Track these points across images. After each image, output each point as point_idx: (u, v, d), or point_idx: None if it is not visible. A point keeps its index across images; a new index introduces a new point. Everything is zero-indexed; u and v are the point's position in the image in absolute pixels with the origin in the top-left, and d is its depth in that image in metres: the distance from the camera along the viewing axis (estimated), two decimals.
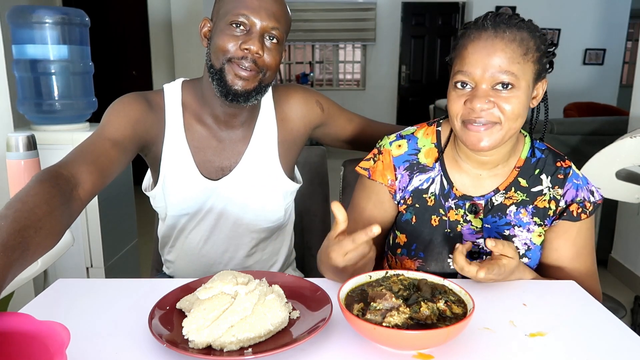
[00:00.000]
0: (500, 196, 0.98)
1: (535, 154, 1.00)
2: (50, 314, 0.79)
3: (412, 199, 1.02)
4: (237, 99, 1.04)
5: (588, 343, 0.71)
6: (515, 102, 0.88)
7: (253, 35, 1.01)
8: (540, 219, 0.98)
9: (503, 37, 0.87)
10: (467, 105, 0.89)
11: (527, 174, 0.99)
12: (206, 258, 1.19)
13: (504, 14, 0.89)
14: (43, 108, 2.13)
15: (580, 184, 0.99)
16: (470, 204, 0.99)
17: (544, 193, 0.98)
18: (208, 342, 0.66)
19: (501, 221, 0.98)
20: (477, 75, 0.87)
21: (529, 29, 0.89)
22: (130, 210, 2.50)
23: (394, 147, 1.04)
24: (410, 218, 1.02)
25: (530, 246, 0.98)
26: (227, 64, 1.02)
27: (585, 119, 3.11)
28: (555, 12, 6.35)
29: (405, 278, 0.80)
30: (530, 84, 0.90)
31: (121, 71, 4.87)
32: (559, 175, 0.99)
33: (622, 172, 2.08)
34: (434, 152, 1.03)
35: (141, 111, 1.07)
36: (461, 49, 0.90)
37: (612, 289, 2.75)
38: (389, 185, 1.03)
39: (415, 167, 1.02)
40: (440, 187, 1.00)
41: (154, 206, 1.20)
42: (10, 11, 2.06)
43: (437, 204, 1.00)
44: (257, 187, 1.15)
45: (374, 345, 0.69)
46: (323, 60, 7.53)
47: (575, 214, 0.97)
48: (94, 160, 0.94)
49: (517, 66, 0.87)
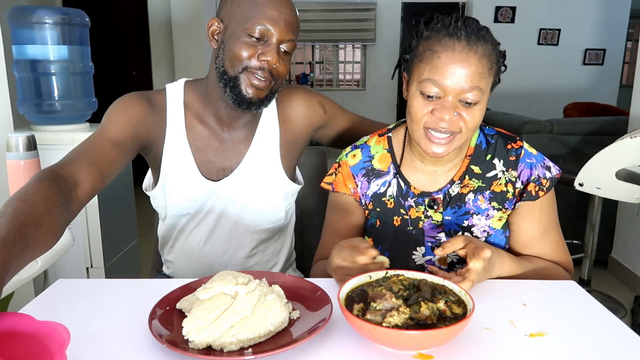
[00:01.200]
0: (457, 186, 1.00)
1: (486, 140, 1.02)
2: (50, 314, 0.79)
3: (372, 204, 1.06)
4: (250, 107, 1.05)
5: (588, 343, 0.71)
6: (478, 115, 0.91)
7: (271, 47, 1.01)
8: (498, 203, 1.00)
9: (476, 52, 0.87)
10: (434, 114, 0.90)
11: (479, 160, 1.01)
12: (206, 259, 1.19)
13: (470, 23, 0.89)
14: (43, 108, 2.13)
15: (534, 162, 0.99)
16: (429, 199, 1.01)
17: (499, 177, 1.00)
18: (208, 342, 0.66)
19: (460, 211, 1.00)
20: (448, 87, 0.87)
21: (492, 42, 0.90)
22: (130, 210, 2.50)
23: (349, 157, 1.08)
24: (374, 222, 1.05)
25: (490, 232, 1.00)
26: (243, 73, 1.02)
27: (585, 119, 3.11)
28: (555, 12, 6.35)
29: (405, 278, 0.80)
30: (488, 95, 0.92)
31: (121, 71, 4.87)
32: (510, 158, 1.00)
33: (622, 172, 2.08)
34: (387, 156, 1.06)
35: (142, 111, 1.07)
36: (432, 55, 0.89)
37: (612, 289, 2.75)
38: (352, 193, 1.07)
39: (371, 172, 1.06)
40: (397, 189, 1.03)
41: (154, 206, 1.20)
42: (10, 11, 2.06)
43: (397, 205, 1.03)
44: (258, 188, 1.15)
45: (374, 346, 0.69)
46: (323, 61, 7.52)
47: (534, 193, 0.98)
48: (94, 161, 0.94)
49: (484, 81, 0.88)
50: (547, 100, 6.28)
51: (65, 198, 0.83)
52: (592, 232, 2.52)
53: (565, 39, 6.41)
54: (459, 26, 0.88)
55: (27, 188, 0.79)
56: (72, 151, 0.96)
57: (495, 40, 0.92)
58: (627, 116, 2.80)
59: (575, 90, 6.39)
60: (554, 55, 6.44)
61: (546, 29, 6.40)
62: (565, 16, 6.35)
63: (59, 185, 0.83)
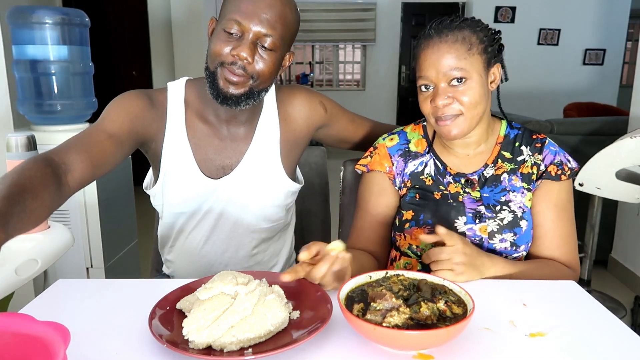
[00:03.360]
0: (490, 169, 1.09)
1: (513, 132, 1.12)
2: (50, 314, 0.79)
3: (411, 181, 1.12)
4: (227, 102, 1.04)
5: (588, 343, 0.71)
6: (471, 92, 0.99)
7: (244, 42, 1.00)
8: (527, 184, 1.08)
9: (447, 41, 0.99)
10: (432, 104, 1.02)
11: (509, 147, 1.11)
12: (206, 258, 1.19)
13: (445, 19, 1.02)
14: (43, 108, 2.13)
15: (557, 151, 1.09)
16: (465, 179, 1.09)
17: (526, 160, 1.09)
18: (208, 342, 0.66)
19: (497, 189, 1.07)
20: (433, 77, 1.00)
21: (469, 27, 1.01)
22: (130, 210, 2.50)
23: (387, 140, 1.16)
24: (414, 196, 1.10)
25: (525, 209, 1.06)
26: (219, 68, 1.02)
27: (585, 119, 3.11)
28: (555, 12, 6.35)
29: (405, 278, 0.80)
30: (482, 73, 1.01)
31: (121, 71, 4.87)
32: (536, 144, 1.10)
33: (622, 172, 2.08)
34: (422, 142, 1.15)
35: (141, 107, 1.07)
36: (418, 57, 1.04)
37: (612, 289, 2.75)
38: (387, 171, 1.13)
39: (408, 154, 1.14)
40: (435, 168, 1.11)
41: (154, 204, 1.20)
42: (10, 11, 2.06)
43: (436, 182, 1.10)
44: (258, 186, 1.15)
45: (374, 346, 0.69)
46: (323, 61, 7.53)
47: (554, 174, 1.06)
48: (86, 149, 0.95)
49: (464, 61, 0.98)
50: (547, 100, 6.28)
51: (57, 179, 0.86)
52: (592, 232, 2.52)
53: (565, 39, 6.41)
54: (432, 27, 1.02)
55: (22, 165, 0.82)
56: (66, 140, 0.97)
57: (476, 23, 1.02)
58: (627, 116, 2.80)
59: (575, 91, 6.39)
60: (554, 55, 6.45)
61: (546, 29, 6.41)
62: (565, 16, 6.35)
63: (52, 167, 0.86)
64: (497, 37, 1.04)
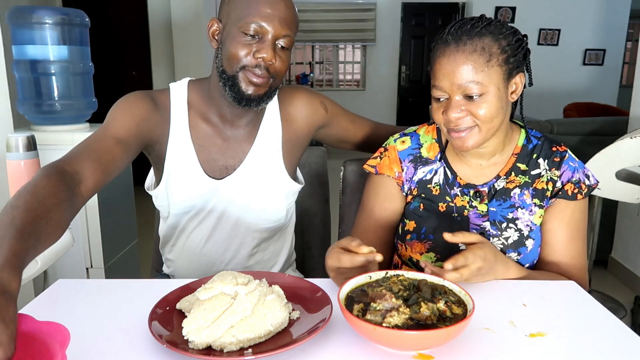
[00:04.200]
0: (502, 181, 1.03)
1: (532, 141, 1.06)
2: (50, 314, 0.79)
3: (417, 190, 1.08)
4: (249, 104, 1.06)
5: (588, 343, 0.71)
6: (486, 106, 0.93)
7: (266, 44, 1.01)
8: (539, 200, 1.02)
9: (464, 50, 0.91)
10: (444, 115, 0.96)
11: (525, 159, 1.04)
12: (207, 257, 1.19)
13: (466, 24, 0.94)
14: (43, 108, 2.13)
15: (576, 167, 1.03)
16: (474, 191, 1.04)
17: (542, 175, 1.03)
18: (208, 342, 0.66)
19: (505, 204, 1.02)
20: (447, 88, 0.94)
21: (492, 34, 0.92)
22: (130, 210, 2.50)
23: (398, 143, 1.11)
24: (418, 206, 1.07)
25: (532, 227, 1.01)
26: (240, 71, 1.03)
27: (585, 119, 3.11)
28: (555, 12, 6.35)
29: (405, 278, 0.80)
30: (500, 85, 0.94)
31: (121, 71, 4.87)
32: (555, 159, 1.03)
33: (622, 172, 2.08)
34: (435, 146, 1.09)
35: (146, 110, 1.08)
36: (433, 64, 0.97)
37: (612, 289, 2.75)
38: (396, 177, 1.09)
39: (419, 160, 1.09)
40: (444, 177, 1.06)
41: (157, 205, 1.20)
42: (10, 12, 2.06)
43: (443, 192, 1.06)
44: (260, 186, 1.15)
45: (374, 346, 0.69)
46: (323, 61, 7.53)
47: (571, 193, 1.01)
48: (98, 157, 0.95)
49: (481, 74, 0.91)
50: (547, 100, 6.28)
51: (70, 193, 0.85)
52: (592, 232, 2.52)
53: (565, 39, 6.41)
54: (450, 31, 0.94)
55: (35, 182, 0.81)
56: (76, 147, 0.97)
57: (499, 29, 0.94)
58: (627, 116, 2.80)
59: (575, 91, 6.39)
60: (554, 55, 6.44)
61: (546, 29, 6.41)
62: (565, 16, 6.35)
63: (65, 181, 0.85)
64: (524, 45, 0.97)
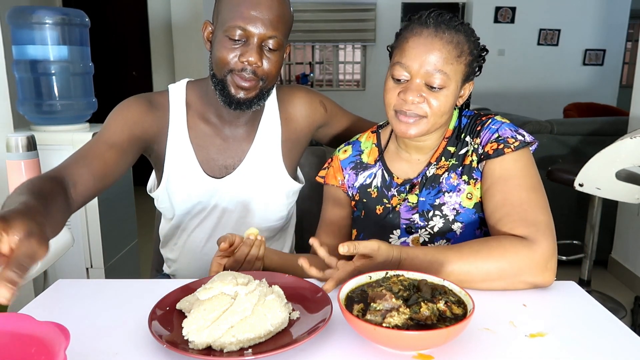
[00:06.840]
0: (433, 168, 1.03)
1: (463, 122, 1.04)
2: (50, 314, 0.79)
3: (359, 195, 1.10)
4: (240, 107, 1.06)
5: (588, 343, 0.71)
6: (443, 99, 0.94)
7: (250, 47, 1.00)
8: (467, 176, 1.00)
9: (442, 37, 0.92)
10: (400, 96, 0.95)
11: (455, 141, 1.04)
12: (208, 257, 1.19)
13: (446, 15, 0.95)
14: (43, 109, 2.13)
15: (499, 127, 0.98)
16: (410, 185, 1.05)
17: (468, 151, 1.01)
18: (208, 342, 0.66)
19: (434, 191, 1.02)
20: (413, 69, 0.93)
21: (465, 33, 0.95)
22: (130, 210, 2.50)
23: (340, 152, 1.15)
24: (360, 214, 1.10)
25: (459, 210, 0.99)
26: (228, 75, 1.03)
27: (585, 120, 3.11)
28: (555, 12, 6.35)
29: (405, 279, 0.80)
30: (459, 84, 0.95)
31: (121, 72, 4.87)
32: (477, 129, 1.01)
33: (622, 173, 2.08)
34: (375, 151, 1.12)
35: (139, 112, 1.08)
36: (403, 41, 0.95)
37: (612, 289, 2.75)
38: (340, 185, 1.13)
39: (359, 165, 1.11)
40: (382, 179, 1.08)
41: (159, 207, 1.20)
42: (10, 12, 2.06)
43: (380, 195, 1.07)
44: (260, 186, 1.16)
45: (374, 346, 0.69)
46: (323, 61, 7.52)
47: (493, 151, 0.95)
48: (87, 163, 0.96)
49: (450, 67, 0.92)
50: (547, 101, 6.28)
51: (64, 192, 0.87)
52: (592, 232, 2.52)
53: (565, 39, 6.41)
54: (431, 16, 0.94)
55: (30, 180, 0.82)
56: (68, 157, 0.99)
57: (473, 34, 0.96)
58: (627, 116, 2.80)
59: (575, 91, 6.39)
60: (554, 55, 6.44)
61: (546, 29, 6.40)
62: (565, 16, 6.35)
63: (57, 181, 0.87)
64: (484, 56, 0.99)
